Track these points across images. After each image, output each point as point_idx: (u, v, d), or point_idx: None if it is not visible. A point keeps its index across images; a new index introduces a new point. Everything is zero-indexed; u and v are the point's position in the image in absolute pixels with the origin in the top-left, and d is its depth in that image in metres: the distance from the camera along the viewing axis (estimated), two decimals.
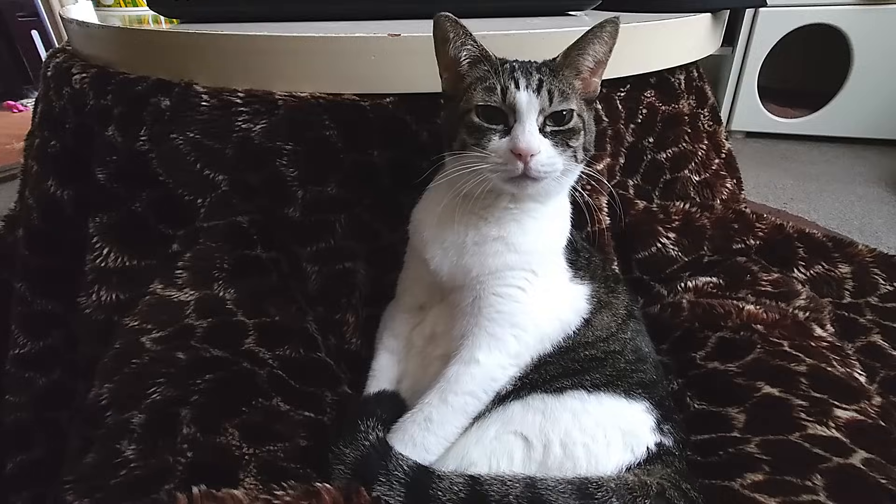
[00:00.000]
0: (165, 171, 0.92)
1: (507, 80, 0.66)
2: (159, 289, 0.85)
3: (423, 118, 0.93)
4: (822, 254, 1.15)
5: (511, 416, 0.68)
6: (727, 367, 0.87)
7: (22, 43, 3.61)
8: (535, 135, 0.65)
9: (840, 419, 0.76)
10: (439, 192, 0.76)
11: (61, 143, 1.07)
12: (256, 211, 0.94)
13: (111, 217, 0.95)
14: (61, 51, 1.19)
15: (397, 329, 0.85)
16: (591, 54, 0.70)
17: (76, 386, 0.98)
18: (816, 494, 0.67)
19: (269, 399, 0.75)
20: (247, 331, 0.83)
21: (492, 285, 0.72)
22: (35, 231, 1.08)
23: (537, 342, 0.73)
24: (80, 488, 0.64)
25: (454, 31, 0.68)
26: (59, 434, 0.96)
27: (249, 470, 0.66)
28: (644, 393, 0.71)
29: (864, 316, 1.06)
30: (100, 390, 0.73)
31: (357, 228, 0.97)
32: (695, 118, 1.28)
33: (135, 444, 0.67)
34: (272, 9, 1.05)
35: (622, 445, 0.66)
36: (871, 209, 1.97)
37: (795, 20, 2.41)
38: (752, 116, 2.65)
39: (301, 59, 0.89)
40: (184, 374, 0.74)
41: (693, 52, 1.24)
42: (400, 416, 0.71)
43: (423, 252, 0.77)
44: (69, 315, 1.01)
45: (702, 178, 1.28)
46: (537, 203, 0.73)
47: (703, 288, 1.06)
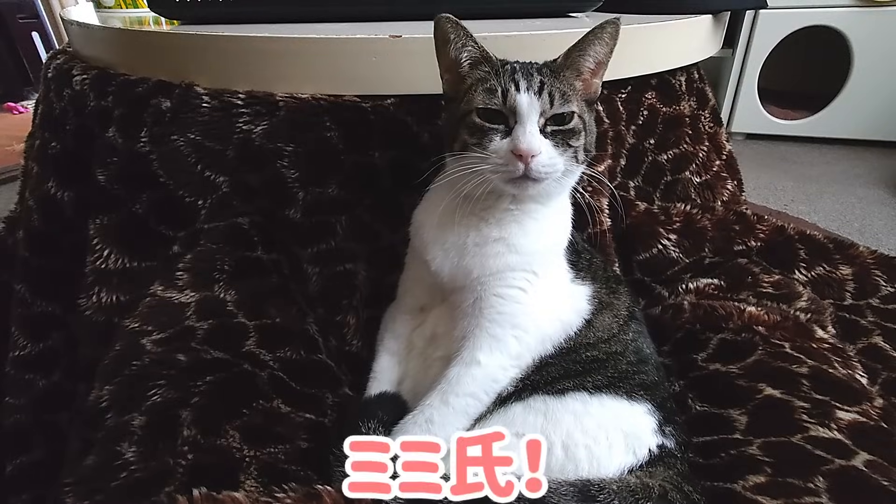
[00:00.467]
0: (166, 173, 0.92)
1: (507, 82, 0.66)
2: (160, 290, 0.85)
3: (424, 119, 0.93)
4: (823, 255, 1.15)
5: (512, 418, 0.68)
6: (729, 368, 0.87)
7: (22, 44, 3.62)
8: (536, 136, 0.65)
9: (842, 421, 0.76)
10: (440, 194, 0.76)
11: (62, 144, 1.07)
12: (257, 212, 0.94)
13: (112, 218, 0.95)
14: (62, 52, 1.19)
15: (398, 330, 0.85)
16: (591, 55, 0.70)
17: (76, 388, 0.98)
18: (818, 496, 0.66)
19: (269, 401, 0.75)
20: (247, 332, 0.83)
21: (493, 286, 0.72)
22: (35, 232, 1.08)
23: (538, 343, 0.73)
24: (80, 490, 0.63)
25: (455, 33, 0.68)
26: (59, 436, 0.95)
27: (250, 472, 0.66)
28: (646, 394, 0.71)
29: (866, 317, 1.06)
30: (100, 392, 0.73)
31: (358, 230, 0.97)
32: (696, 120, 1.28)
33: (135, 447, 0.66)
34: (273, 10, 1.05)
35: (624, 447, 0.66)
36: (872, 211, 1.97)
37: (796, 22, 2.41)
38: (752, 118, 2.66)
39: (302, 60, 0.89)
40: (184, 375, 0.74)
41: (694, 53, 1.24)
42: (401, 418, 0.71)
43: (423, 253, 0.77)
44: (69, 317, 1.01)
45: (703, 180, 1.28)
46: (538, 204, 0.73)
47: (705, 289, 1.06)
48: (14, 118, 3.42)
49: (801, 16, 2.40)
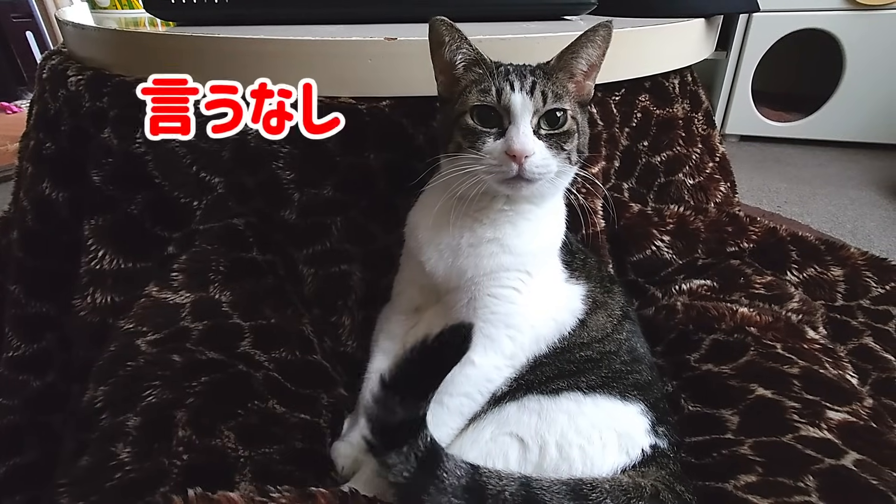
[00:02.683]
0: (161, 174, 0.92)
1: (501, 83, 0.67)
2: (155, 291, 0.85)
3: (419, 121, 0.94)
4: (815, 257, 1.16)
5: (507, 418, 0.68)
6: (721, 369, 0.88)
7: (16, 44, 3.60)
8: (530, 136, 0.65)
9: (832, 421, 0.76)
10: (435, 195, 0.77)
11: (56, 145, 1.06)
12: (252, 213, 0.94)
13: (106, 219, 0.95)
14: (56, 53, 1.19)
15: (393, 331, 0.85)
16: (584, 58, 0.71)
17: (70, 389, 0.97)
18: (809, 495, 0.67)
19: (264, 401, 0.75)
20: (242, 333, 0.83)
21: (487, 286, 0.72)
22: (30, 233, 1.07)
23: (532, 343, 0.73)
24: (74, 491, 0.64)
25: (449, 35, 0.69)
26: (53, 437, 0.95)
27: (245, 473, 0.66)
28: (639, 395, 0.71)
29: (857, 318, 1.07)
30: (94, 393, 0.73)
31: (353, 231, 0.97)
32: (689, 122, 1.29)
33: (130, 447, 0.66)
34: (268, 12, 1.05)
35: (617, 447, 0.66)
36: (864, 212, 1.98)
37: (789, 25, 2.43)
38: (745, 120, 2.67)
39: (297, 62, 0.89)
40: (179, 376, 0.74)
41: (687, 56, 1.25)
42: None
43: (418, 254, 0.77)
44: (63, 317, 1.01)
45: (696, 182, 1.29)
46: (532, 205, 0.74)
47: (697, 290, 1.06)
48: (7, 118, 3.39)
49: (794, 19, 2.42)
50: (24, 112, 3.31)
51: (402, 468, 0.57)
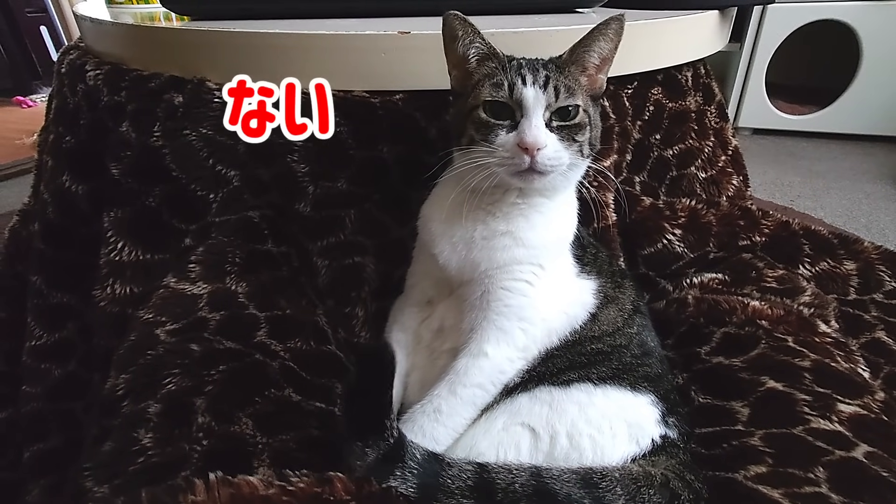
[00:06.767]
0: (178, 167, 0.94)
1: (514, 77, 0.67)
2: (173, 282, 0.87)
3: (432, 114, 0.94)
4: (828, 251, 1.16)
5: (518, 408, 0.69)
6: (732, 361, 0.88)
7: (30, 38, 3.64)
8: (542, 129, 0.66)
9: (843, 413, 0.77)
10: (447, 188, 0.78)
11: (76, 138, 1.08)
12: (267, 206, 0.95)
13: (125, 212, 0.97)
14: (74, 47, 1.21)
15: (406, 323, 0.86)
16: (596, 51, 0.71)
17: (91, 377, 1.00)
18: (819, 486, 0.68)
19: (281, 390, 0.77)
20: (259, 323, 0.84)
21: (500, 279, 0.73)
22: (50, 225, 1.10)
23: (544, 336, 0.74)
24: (99, 475, 0.65)
25: (463, 29, 0.69)
26: (75, 424, 0.98)
27: (263, 458, 0.68)
28: (649, 386, 0.72)
29: (869, 312, 1.07)
30: (116, 381, 0.75)
31: (367, 223, 0.98)
32: (702, 115, 1.29)
33: (151, 433, 0.68)
34: (283, 6, 1.06)
35: (627, 437, 0.67)
36: (879, 206, 1.96)
37: (804, 16, 2.40)
38: (759, 113, 2.65)
39: (312, 56, 0.90)
40: (198, 365, 0.76)
41: (700, 49, 1.24)
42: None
43: (431, 247, 0.78)
44: (84, 307, 1.03)
45: (708, 175, 1.29)
46: (544, 198, 0.75)
47: (709, 284, 1.06)
48: (23, 112, 3.44)
49: (810, 10, 2.38)
50: (40, 106, 3.36)
51: (404, 483, 0.59)
